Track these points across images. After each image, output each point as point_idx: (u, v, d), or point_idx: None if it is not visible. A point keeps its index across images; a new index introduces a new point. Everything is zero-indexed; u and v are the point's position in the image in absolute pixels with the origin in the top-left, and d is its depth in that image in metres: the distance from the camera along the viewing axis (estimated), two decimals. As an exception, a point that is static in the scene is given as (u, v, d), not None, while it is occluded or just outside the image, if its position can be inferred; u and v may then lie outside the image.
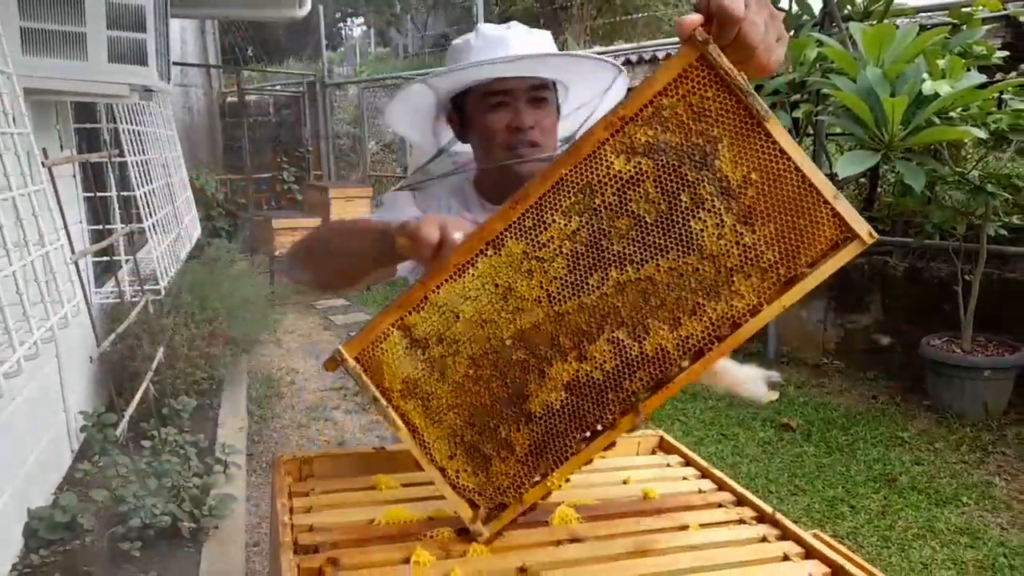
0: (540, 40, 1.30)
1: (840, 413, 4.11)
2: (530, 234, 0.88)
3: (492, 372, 0.91)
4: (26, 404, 2.80)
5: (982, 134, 3.08)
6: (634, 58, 5.91)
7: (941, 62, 3.08)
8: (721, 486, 1.17)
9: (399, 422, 0.92)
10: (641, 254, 0.87)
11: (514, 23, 1.32)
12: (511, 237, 0.89)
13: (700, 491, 1.15)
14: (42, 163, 2.43)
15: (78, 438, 3.35)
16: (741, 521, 1.07)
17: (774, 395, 4.26)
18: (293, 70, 11.33)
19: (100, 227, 3.57)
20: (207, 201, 7.60)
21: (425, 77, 1.32)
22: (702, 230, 0.86)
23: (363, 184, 8.39)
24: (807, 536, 1.02)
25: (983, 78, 3.10)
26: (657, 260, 0.87)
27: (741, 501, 1.13)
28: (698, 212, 0.85)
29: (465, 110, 1.32)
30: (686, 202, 0.85)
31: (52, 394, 3.15)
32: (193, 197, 5.49)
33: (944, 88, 2.89)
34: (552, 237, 0.88)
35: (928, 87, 2.92)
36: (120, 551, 2.57)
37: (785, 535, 1.04)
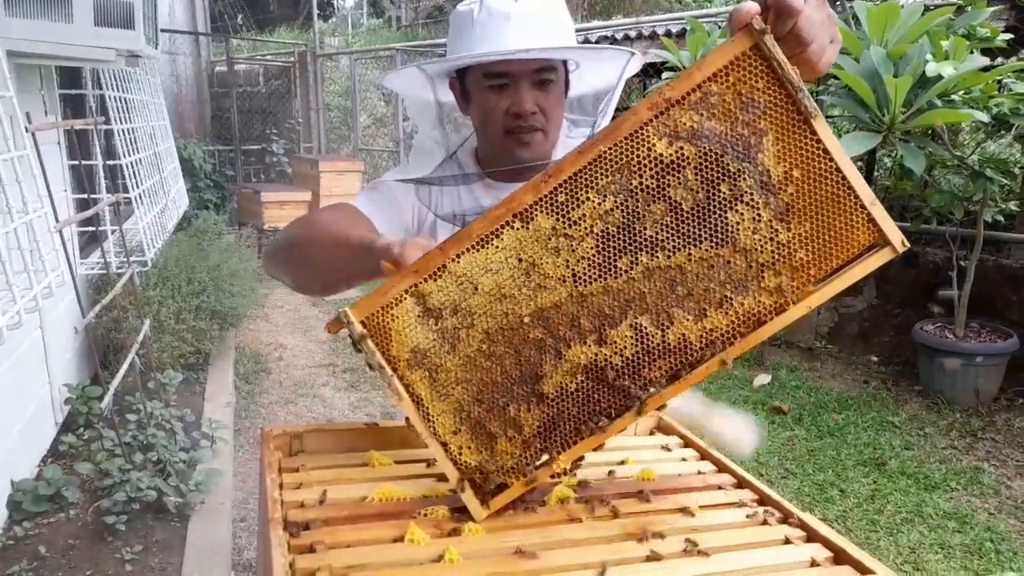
0: (550, 14, 1.21)
1: (832, 397, 4.12)
2: (562, 210, 0.85)
3: (506, 349, 0.87)
4: (9, 375, 2.75)
5: (984, 117, 3.05)
6: (632, 34, 5.84)
7: (945, 43, 3.04)
8: (721, 468, 1.15)
9: (403, 392, 0.89)
10: (674, 241, 0.84)
11: None
12: (541, 211, 0.85)
13: (700, 472, 1.13)
14: (25, 128, 2.37)
15: (62, 410, 3.31)
16: (741, 504, 1.05)
17: (766, 378, 4.26)
18: (284, 39, 11.15)
19: (85, 196, 3.50)
20: (194, 172, 7.48)
21: (419, 63, 1.27)
22: (738, 223, 0.84)
23: (354, 158, 8.29)
24: (809, 519, 0.99)
25: (986, 61, 3.07)
26: (689, 249, 0.84)
27: (741, 483, 1.11)
28: (736, 204, 0.83)
29: (466, 83, 1.26)
30: (725, 193, 0.83)
31: (36, 365, 3.09)
32: (180, 168, 5.41)
33: (948, 70, 2.86)
34: (584, 215, 0.85)
35: (932, 68, 2.88)
36: (105, 525, 2.54)
37: (786, 518, 1.02)
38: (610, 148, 0.84)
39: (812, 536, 0.97)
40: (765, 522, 0.99)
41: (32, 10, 2.66)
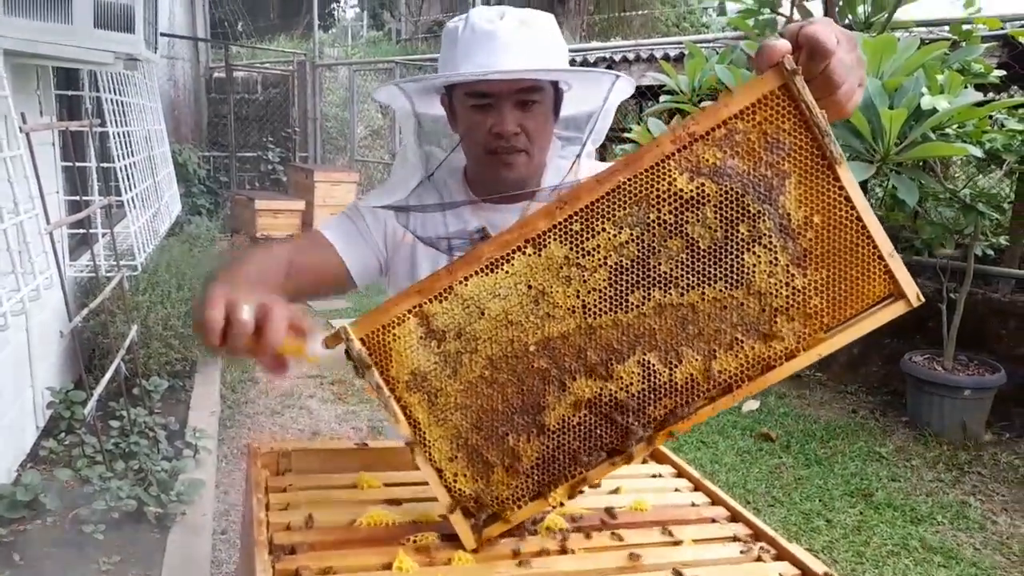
0: (536, 33, 1.18)
1: (820, 426, 4.12)
2: (576, 239, 0.83)
3: (509, 377, 0.85)
4: (-9, 377, 2.71)
5: (978, 152, 3.08)
6: (631, 56, 5.88)
7: (940, 77, 3.07)
8: (715, 500, 1.13)
9: (400, 415, 0.87)
10: (688, 279, 0.83)
11: (508, 11, 1.20)
12: (555, 239, 0.83)
13: (693, 504, 1.11)
14: (20, 128, 2.35)
15: (44, 414, 3.26)
16: (735, 538, 1.03)
17: (755, 404, 4.26)
18: (283, 48, 11.16)
19: (77, 198, 3.47)
20: (188, 177, 7.46)
21: (397, 81, 1.26)
22: (754, 265, 0.82)
23: (349, 169, 8.29)
24: (803, 555, 0.98)
25: (980, 96, 3.10)
26: (703, 288, 0.83)
27: (735, 517, 1.09)
28: (754, 246, 0.82)
29: (453, 101, 1.25)
30: (743, 234, 0.82)
31: (20, 368, 3.05)
32: (174, 172, 5.38)
33: (942, 104, 2.88)
34: (599, 246, 0.83)
35: (927, 102, 2.90)
36: (83, 533, 2.50)
37: (781, 554, 1.00)
38: (629, 179, 0.82)
39: (806, 574, 0.95)
40: (759, 558, 0.98)
41: (31, 10, 2.65)
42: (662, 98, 4.01)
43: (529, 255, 0.84)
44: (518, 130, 1.18)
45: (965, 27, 3.69)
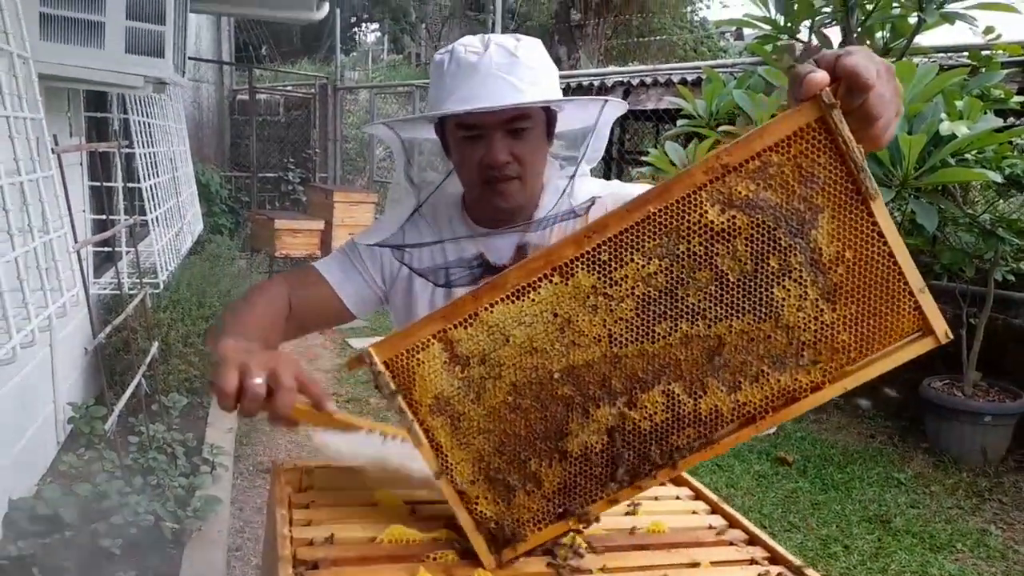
0: (521, 60, 1.17)
1: (837, 450, 4.08)
2: (604, 268, 0.84)
3: (533, 403, 0.86)
4: (15, 392, 2.75)
5: (997, 177, 3.07)
6: (648, 80, 5.92)
7: (959, 103, 3.07)
8: (732, 523, 1.13)
9: (423, 438, 0.88)
10: (716, 311, 0.83)
11: (493, 40, 1.19)
12: (582, 268, 0.84)
13: (710, 527, 1.11)
14: (52, 150, 2.40)
15: (65, 429, 3.30)
16: (753, 561, 1.03)
17: (771, 428, 4.22)
18: (306, 71, 11.35)
19: (103, 217, 3.54)
20: (210, 197, 7.57)
21: (387, 121, 1.29)
22: (784, 299, 0.82)
23: (368, 190, 8.37)
24: (821, 581, 0.98)
25: (1000, 122, 3.10)
26: (731, 320, 0.83)
27: (753, 540, 1.09)
28: (783, 280, 0.82)
29: (445, 132, 1.27)
30: (774, 267, 0.82)
31: (43, 383, 3.10)
32: (197, 192, 5.47)
33: (962, 129, 2.88)
34: (626, 276, 0.83)
35: (946, 127, 2.90)
36: (100, 548, 2.52)
37: (798, 578, 1.00)
38: (660, 210, 0.82)
39: (823, 598, 0.95)
40: (776, 582, 0.98)
41: (65, 35, 2.73)
42: (679, 122, 4.04)
43: (556, 283, 0.84)
44: (509, 159, 1.19)
45: (984, 53, 3.70)
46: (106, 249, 3.65)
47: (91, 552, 2.55)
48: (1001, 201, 4.28)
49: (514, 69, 1.16)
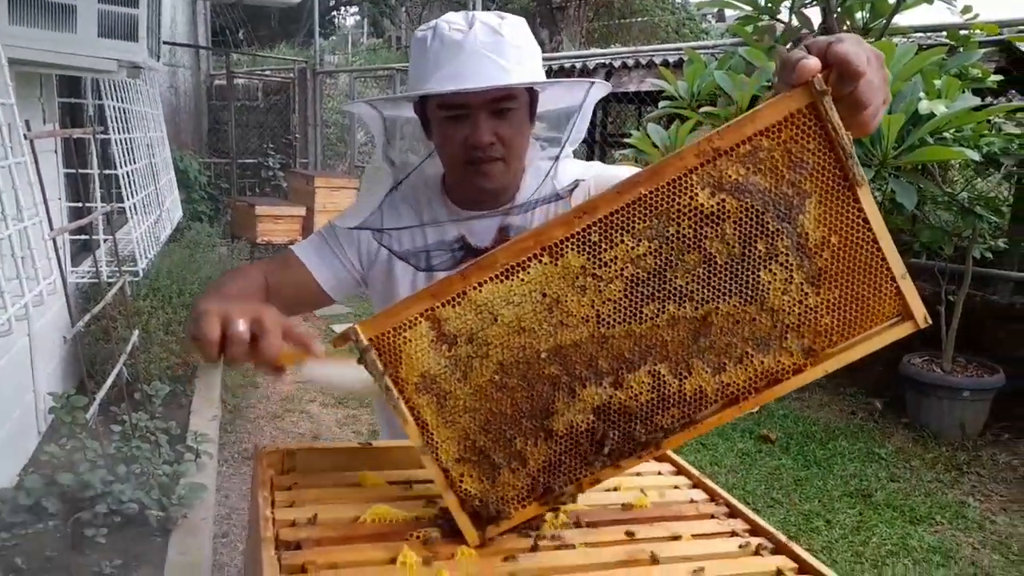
0: (506, 39, 1.15)
1: (819, 427, 4.13)
2: (593, 249, 0.84)
3: (519, 382, 0.86)
4: (-6, 382, 2.72)
5: (976, 156, 3.10)
6: (631, 62, 5.91)
7: (937, 82, 3.09)
8: (713, 497, 1.15)
9: (409, 416, 0.88)
10: (703, 293, 0.84)
11: (477, 17, 1.17)
12: (572, 248, 0.84)
13: (692, 501, 1.13)
14: (24, 135, 2.36)
15: (46, 420, 3.27)
16: (734, 533, 1.05)
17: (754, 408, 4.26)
18: (284, 55, 11.21)
19: (80, 205, 3.48)
20: (189, 184, 7.48)
21: (369, 99, 1.27)
22: (769, 283, 0.83)
23: (349, 175, 8.31)
24: (801, 551, 0.99)
25: (978, 101, 3.12)
26: (718, 303, 0.84)
27: (733, 513, 1.11)
28: (770, 264, 0.83)
29: (426, 111, 1.24)
30: (760, 251, 0.83)
31: (22, 373, 3.06)
32: (175, 179, 5.41)
33: (940, 108, 2.90)
34: (616, 257, 0.84)
35: (924, 106, 2.92)
36: (85, 537, 2.50)
37: (779, 549, 1.02)
38: (651, 192, 0.82)
39: (804, 568, 0.97)
40: (757, 552, 0.99)
41: (36, 19, 2.67)
42: (661, 104, 4.03)
43: (545, 263, 0.84)
44: (493, 139, 1.17)
45: (963, 32, 3.72)
46: (83, 237, 3.60)
47: (76, 542, 2.54)
48: (979, 180, 4.33)
49: (499, 48, 1.14)
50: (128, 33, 2.91)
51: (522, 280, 0.85)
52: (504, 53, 1.14)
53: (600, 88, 1.25)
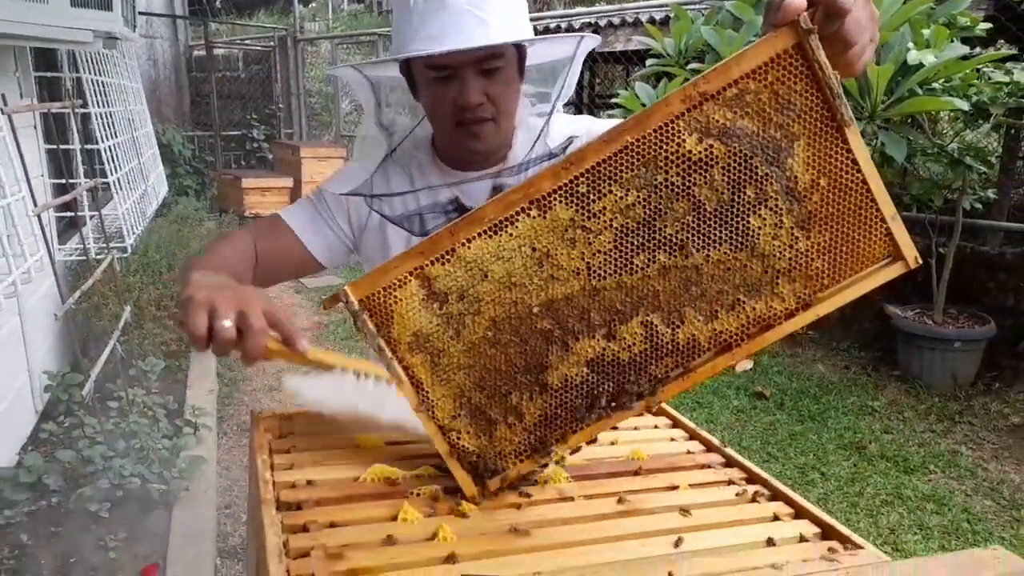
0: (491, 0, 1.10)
1: (813, 382, 4.17)
2: (582, 201, 0.83)
3: (512, 337, 0.86)
4: (-13, 362, 2.71)
5: (964, 105, 3.09)
6: (616, 20, 5.83)
7: (926, 32, 3.06)
8: (709, 448, 1.16)
9: (403, 375, 0.87)
10: (693, 241, 0.83)
11: None
12: (560, 200, 0.83)
13: (689, 452, 1.14)
14: (1, 110, 2.32)
15: (42, 398, 3.27)
16: (731, 482, 1.06)
17: (748, 364, 4.30)
18: (264, 23, 11.00)
19: (63, 181, 3.44)
20: (173, 158, 7.39)
21: (355, 64, 1.24)
22: (759, 228, 0.82)
23: (335, 144, 8.23)
24: (797, 497, 1.01)
25: (966, 49, 3.10)
26: (708, 250, 0.83)
27: (730, 463, 1.12)
28: (760, 209, 0.82)
29: (413, 73, 1.21)
30: (750, 196, 0.82)
31: (15, 352, 3.05)
32: (159, 153, 5.34)
33: (929, 58, 2.88)
34: (604, 208, 0.83)
35: (913, 57, 2.90)
36: (88, 512, 2.52)
37: (775, 495, 1.03)
38: (637, 140, 0.81)
39: (800, 513, 0.98)
40: (754, 499, 1.01)
41: (7, -10, 2.60)
42: (648, 62, 3.99)
43: (534, 217, 0.84)
44: (483, 99, 1.15)
45: (950, -21, 3.67)
46: (69, 214, 3.56)
47: (79, 517, 2.55)
48: (968, 130, 4.32)
49: (484, 3, 1.11)
50: (102, 2, 2.84)
51: (511, 235, 0.84)
52: (488, 8, 1.11)
53: (590, 40, 1.23)
